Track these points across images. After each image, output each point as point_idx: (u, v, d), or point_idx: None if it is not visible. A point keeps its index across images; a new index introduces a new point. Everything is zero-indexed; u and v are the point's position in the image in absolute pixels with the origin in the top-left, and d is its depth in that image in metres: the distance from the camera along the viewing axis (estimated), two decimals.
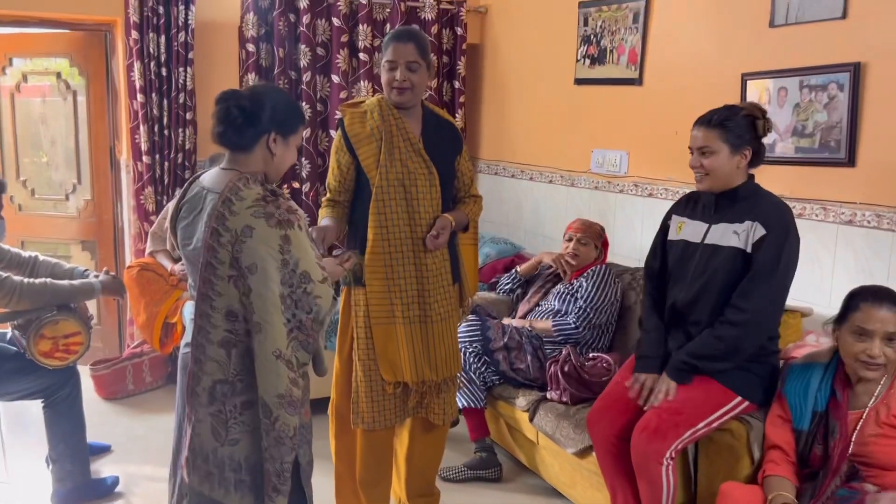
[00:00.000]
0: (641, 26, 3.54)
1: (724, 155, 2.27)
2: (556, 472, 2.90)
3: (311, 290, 1.73)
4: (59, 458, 2.84)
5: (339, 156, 2.43)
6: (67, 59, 4.22)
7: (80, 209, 4.36)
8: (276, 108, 1.80)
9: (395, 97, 2.38)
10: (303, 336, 1.74)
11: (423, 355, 2.43)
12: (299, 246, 1.73)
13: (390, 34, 2.41)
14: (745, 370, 2.28)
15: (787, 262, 2.22)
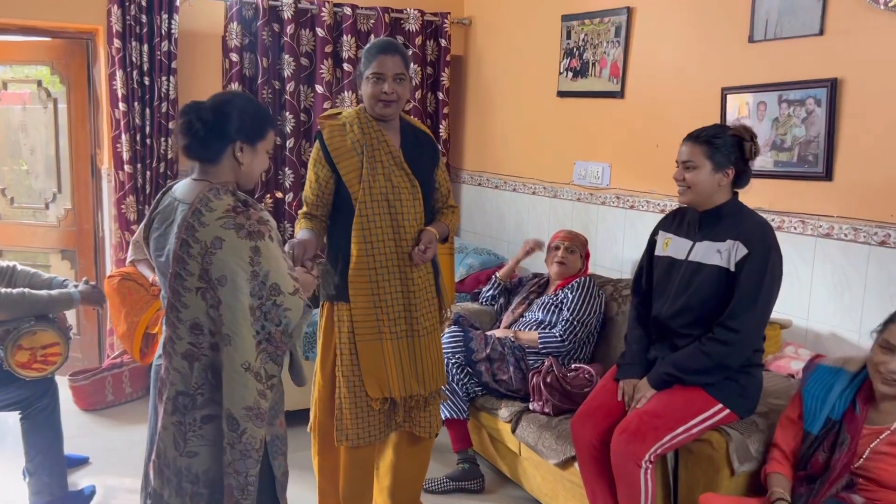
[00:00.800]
0: (623, 40, 3.57)
1: (706, 171, 2.30)
2: (539, 483, 2.90)
3: (281, 301, 1.71)
4: (37, 470, 2.80)
5: (318, 169, 2.38)
6: (48, 67, 4.19)
7: (61, 218, 4.31)
8: (241, 116, 1.78)
9: (380, 110, 2.36)
10: (272, 348, 1.73)
11: (411, 370, 2.41)
12: (269, 257, 1.71)
13: (374, 46, 2.37)
14: (729, 379, 2.30)
15: (772, 280, 2.25)
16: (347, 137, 2.36)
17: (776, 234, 2.32)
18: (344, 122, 2.39)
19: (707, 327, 2.30)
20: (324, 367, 2.45)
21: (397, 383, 2.38)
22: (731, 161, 2.30)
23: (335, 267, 2.40)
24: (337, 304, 2.38)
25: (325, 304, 2.44)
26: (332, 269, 2.29)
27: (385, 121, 2.40)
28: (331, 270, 2.33)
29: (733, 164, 2.30)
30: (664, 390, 2.34)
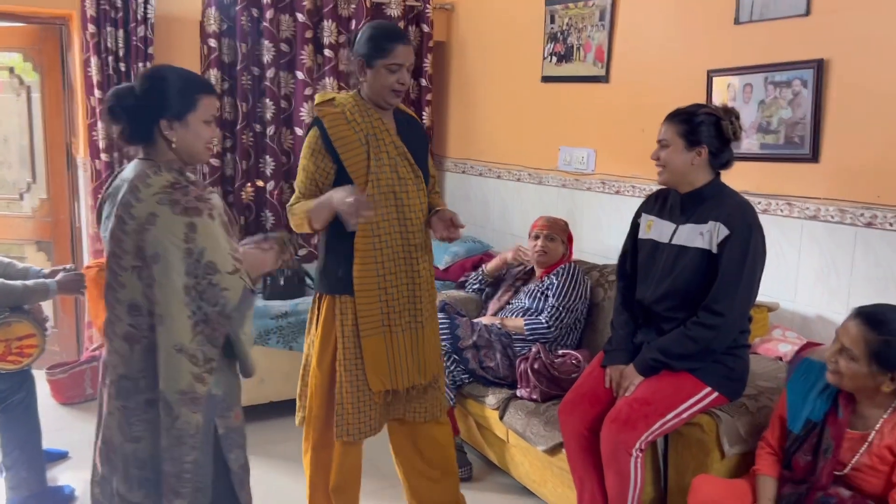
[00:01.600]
0: (608, 24, 3.54)
1: (677, 149, 2.29)
2: (527, 470, 2.88)
3: (218, 281, 1.66)
4: (14, 465, 2.73)
5: (318, 159, 2.26)
6: (20, 54, 4.09)
7: (35, 209, 4.22)
8: (160, 93, 1.71)
9: (391, 100, 2.27)
10: (209, 330, 1.67)
11: (414, 360, 2.36)
12: (207, 235, 1.66)
13: (387, 33, 2.26)
14: (715, 362, 2.29)
15: (754, 260, 2.23)
16: (350, 127, 2.25)
17: (758, 215, 2.30)
18: (343, 110, 2.27)
19: (692, 310, 2.28)
20: (322, 360, 2.35)
21: (401, 376, 2.33)
22: (703, 139, 2.27)
23: (336, 261, 2.30)
24: (339, 297, 2.30)
25: (325, 296, 2.34)
26: (290, 241, 2.16)
27: (384, 109, 2.32)
28: (289, 241, 2.16)
29: (706, 143, 2.28)
30: (652, 376, 2.32)
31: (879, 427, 1.87)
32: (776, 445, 2.07)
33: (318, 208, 2.22)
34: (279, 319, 3.52)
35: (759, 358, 2.64)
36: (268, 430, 3.53)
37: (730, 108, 2.31)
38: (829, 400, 1.96)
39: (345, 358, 2.29)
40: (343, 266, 2.28)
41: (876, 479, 1.86)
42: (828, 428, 1.92)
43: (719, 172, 2.35)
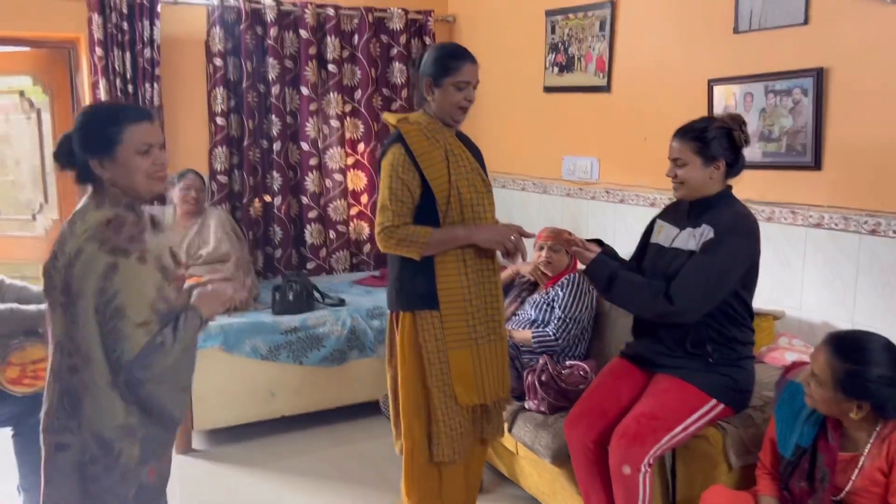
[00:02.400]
0: (608, 34, 3.56)
1: (696, 166, 2.30)
2: (536, 481, 2.90)
3: (122, 328, 1.59)
4: (30, 487, 2.76)
5: (407, 176, 2.22)
6: (30, 77, 4.15)
7: (48, 229, 4.28)
8: (81, 135, 1.70)
9: (459, 117, 2.31)
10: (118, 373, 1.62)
11: (497, 373, 2.35)
12: (127, 279, 1.59)
13: (454, 52, 2.30)
14: (719, 373, 2.30)
15: (727, 265, 2.23)
16: (430, 143, 2.26)
17: (763, 223, 2.32)
18: (420, 127, 2.28)
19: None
20: (414, 381, 2.30)
21: (488, 389, 2.31)
22: (720, 153, 2.30)
23: (415, 276, 2.27)
24: (420, 313, 2.27)
25: (405, 313, 2.30)
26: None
27: (450, 126, 2.34)
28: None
29: (723, 156, 2.30)
30: (656, 390, 2.33)
31: (868, 451, 1.86)
32: (771, 467, 2.07)
33: (448, 241, 2.23)
34: (289, 334, 3.56)
35: (765, 367, 2.64)
36: (279, 444, 3.57)
37: (736, 116, 2.34)
38: (817, 425, 1.94)
39: (432, 375, 2.26)
40: (424, 281, 2.26)
41: (871, 501, 1.86)
42: (820, 455, 1.91)
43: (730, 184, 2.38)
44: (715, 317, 2.31)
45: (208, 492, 3.13)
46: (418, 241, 2.21)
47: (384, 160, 2.28)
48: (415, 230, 2.22)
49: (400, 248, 2.23)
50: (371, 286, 4.28)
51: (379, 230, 2.25)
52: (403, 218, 2.24)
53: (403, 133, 2.25)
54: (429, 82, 2.29)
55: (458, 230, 2.26)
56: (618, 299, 2.42)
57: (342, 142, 4.54)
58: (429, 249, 2.22)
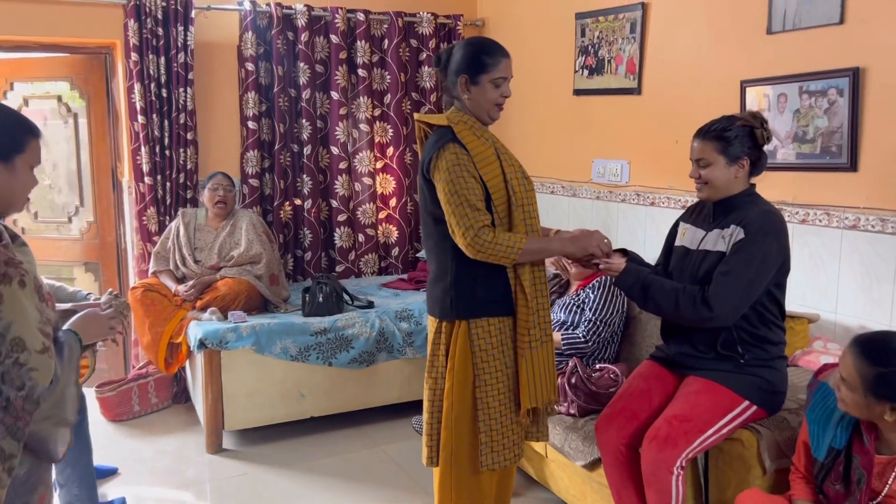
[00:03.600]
0: (639, 36, 3.54)
1: (720, 166, 2.28)
2: (566, 485, 2.88)
3: (25, 360, 1.42)
4: (67, 482, 2.82)
5: (473, 172, 2.13)
6: (68, 83, 4.24)
7: (83, 231, 4.36)
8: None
9: (496, 114, 2.25)
10: (10, 420, 1.41)
11: (548, 376, 2.28)
12: (14, 307, 1.42)
13: (490, 48, 2.22)
14: (751, 374, 2.27)
15: (760, 265, 2.20)
16: (480, 142, 2.18)
17: (797, 225, 2.28)
18: (468, 126, 2.20)
19: None
20: (464, 390, 2.21)
21: (541, 393, 2.25)
22: (744, 151, 2.28)
23: (473, 282, 2.18)
24: (475, 321, 2.18)
25: (460, 321, 2.20)
26: (127, 309, 1.98)
27: (486, 124, 2.27)
28: (127, 310, 2.03)
29: (746, 154, 2.28)
30: (687, 392, 2.31)
31: None
32: (805, 470, 2.03)
33: (542, 251, 2.17)
34: (318, 336, 3.58)
35: (799, 371, 2.60)
36: (309, 445, 3.59)
37: (757, 114, 2.32)
38: (850, 427, 1.90)
39: (486, 384, 2.18)
40: (484, 287, 2.18)
41: None
42: (856, 457, 1.87)
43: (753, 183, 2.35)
44: (746, 317, 2.28)
45: (238, 491, 3.16)
46: (516, 247, 2.10)
47: (441, 161, 2.14)
48: (510, 237, 2.12)
49: (496, 253, 2.10)
50: (399, 289, 4.29)
51: (473, 234, 2.09)
52: (489, 217, 2.13)
53: (457, 132, 2.16)
54: (465, 80, 2.20)
55: (553, 242, 2.21)
56: (653, 307, 2.36)
57: (371, 146, 4.57)
58: (523, 257, 2.12)
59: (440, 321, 2.25)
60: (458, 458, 2.25)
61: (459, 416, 2.22)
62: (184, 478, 3.28)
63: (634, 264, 2.40)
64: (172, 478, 3.28)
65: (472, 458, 2.24)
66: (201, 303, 3.66)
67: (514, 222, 2.17)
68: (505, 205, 2.17)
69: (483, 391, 2.19)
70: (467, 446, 2.24)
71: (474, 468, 2.24)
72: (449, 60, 2.26)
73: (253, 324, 3.50)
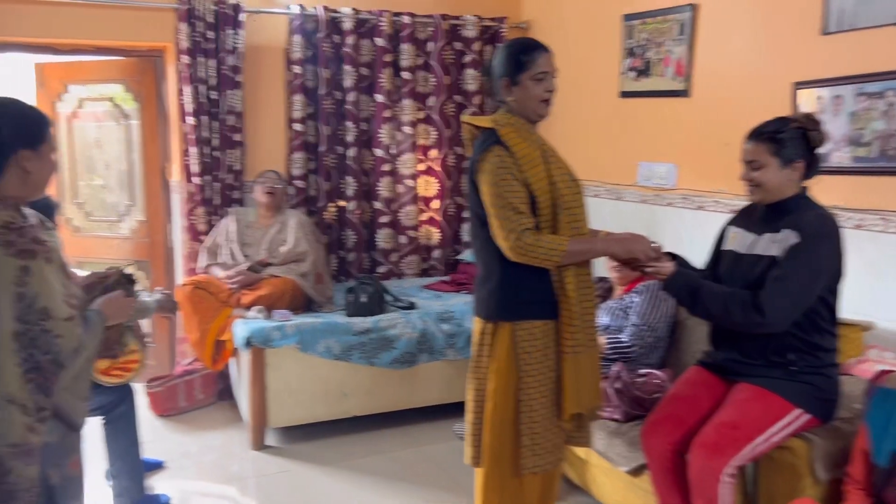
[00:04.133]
0: (688, 37, 3.50)
1: (773, 168, 2.24)
2: (609, 490, 2.85)
3: (51, 327, 1.58)
4: (118, 474, 2.89)
5: (520, 177, 2.12)
6: (121, 85, 4.35)
7: (134, 230, 4.47)
8: (16, 123, 1.66)
9: (543, 111, 2.21)
10: (41, 378, 1.58)
11: (593, 381, 2.25)
12: (41, 280, 1.57)
13: (526, 45, 2.21)
14: (805, 382, 2.22)
15: (815, 270, 2.16)
16: (527, 144, 2.16)
17: (851, 230, 2.22)
18: (514, 129, 2.18)
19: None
20: (507, 391, 2.19)
21: (585, 398, 2.22)
22: (798, 154, 2.23)
23: (517, 284, 2.16)
24: (520, 323, 2.17)
25: (504, 323, 2.19)
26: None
27: (534, 123, 2.24)
28: (131, 279, 2.09)
29: (801, 157, 2.23)
30: (737, 399, 2.27)
31: None
32: (862, 480, 1.98)
33: (585, 252, 2.13)
34: (361, 336, 3.61)
35: (854, 380, 2.53)
36: (351, 443, 3.62)
37: (811, 116, 2.26)
38: None
39: (530, 387, 2.17)
40: (529, 290, 2.16)
41: None
42: None
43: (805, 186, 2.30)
44: (798, 323, 2.23)
45: (281, 488, 3.20)
46: (558, 249, 2.08)
47: (486, 163, 2.13)
48: (553, 239, 2.09)
49: (538, 256, 2.09)
50: (441, 291, 4.30)
51: (516, 237, 2.08)
52: (532, 220, 2.11)
53: (502, 135, 2.15)
54: (506, 83, 2.20)
55: (596, 243, 2.17)
56: (702, 312, 2.32)
57: (414, 148, 4.59)
58: (566, 259, 2.10)
59: (485, 322, 2.25)
60: (501, 460, 2.23)
61: (502, 418, 2.21)
62: (228, 473, 3.33)
63: (683, 269, 2.37)
64: (217, 473, 3.34)
65: (515, 461, 2.22)
66: (247, 301, 3.72)
67: (560, 225, 2.15)
68: (550, 207, 2.15)
69: (526, 394, 2.17)
70: (510, 448, 2.22)
71: (517, 470, 2.22)
72: (491, 66, 2.28)
73: (297, 322, 3.55)
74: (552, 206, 2.15)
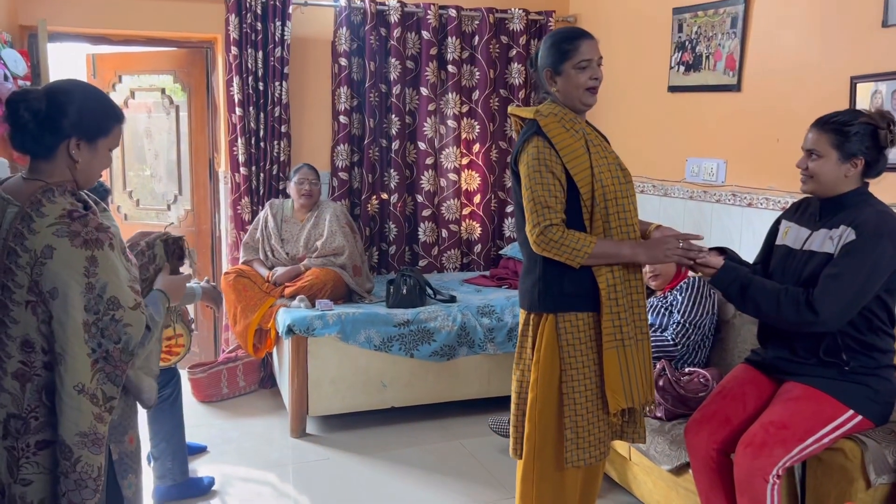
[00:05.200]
0: (740, 31, 3.42)
1: (831, 161, 2.16)
2: (650, 489, 2.81)
3: (121, 317, 1.58)
4: (161, 455, 2.94)
5: (555, 169, 2.09)
6: (171, 76, 4.43)
7: (181, 219, 4.55)
8: (79, 110, 1.62)
9: (588, 99, 2.17)
10: (110, 368, 1.59)
11: (644, 375, 2.21)
12: (108, 268, 1.57)
13: (568, 34, 2.17)
14: (859, 383, 2.16)
15: (872, 269, 2.08)
16: (569, 133, 2.12)
17: None
18: (558, 118, 2.15)
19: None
20: (550, 384, 2.17)
21: (636, 392, 2.18)
22: (861, 150, 2.15)
23: (560, 276, 2.13)
24: (563, 315, 2.14)
25: (548, 315, 2.16)
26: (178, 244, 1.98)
27: (581, 112, 2.20)
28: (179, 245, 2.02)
29: (864, 154, 2.15)
30: (786, 398, 2.20)
31: None
32: None
33: (611, 256, 2.10)
34: (401, 327, 3.61)
35: None
36: (389, 434, 3.63)
37: (886, 113, 2.18)
38: None
39: (573, 379, 2.14)
40: (572, 281, 2.13)
41: None
42: None
43: (867, 181, 2.22)
44: (853, 323, 2.16)
45: (320, 475, 3.22)
46: (583, 250, 2.06)
47: (524, 154, 2.13)
48: (580, 238, 2.07)
49: (561, 253, 2.08)
50: (481, 286, 4.29)
51: (539, 231, 2.07)
52: (558, 216, 2.09)
53: (542, 125, 2.12)
54: (549, 73, 2.17)
55: (623, 247, 2.12)
56: (752, 309, 2.26)
57: (458, 142, 4.58)
58: (590, 261, 2.08)
59: (528, 313, 2.23)
60: (542, 452, 2.21)
61: (544, 410, 2.19)
62: (268, 459, 3.37)
63: (733, 263, 2.31)
64: (258, 459, 3.38)
65: (557, 453, 2.20)
66: (290, 290, 3.75)
67: (606, 217, 2.12)
68: (592, 199, 2.12)
69: (569, 386, 2.15)
70: (552, 441, 2.20)
71: (558, 463, 2.20)
72: (537, 58, 2.25)
73: (339, 312, 3.57)
74: (598, 198, 2.11)
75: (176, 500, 2.95)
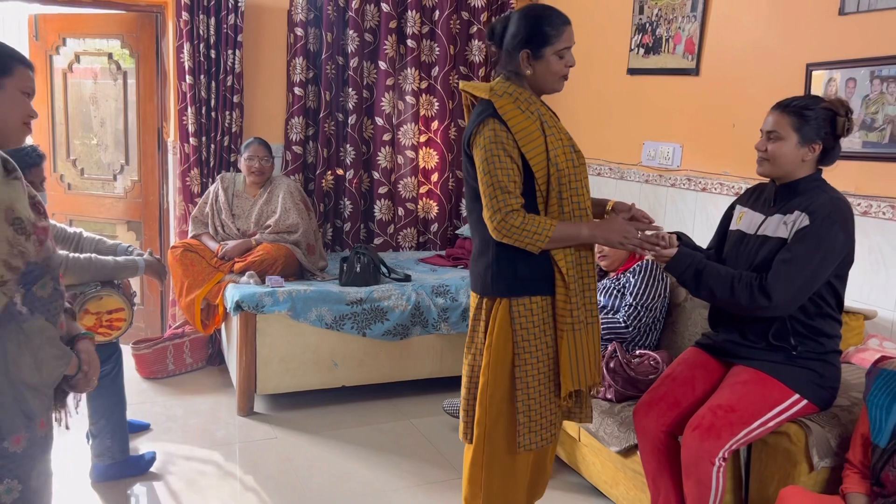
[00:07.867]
0: (700, 14, 3.41)
1: (790, 143, 2.17)
2: (598, 470, 2.82)
3: None
4: (100, 433, 2.84)
5: (511, 151, 2.04)
6: (119, 40, 4.25)
7: (128, 190, 4.39)
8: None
9: (559, 86, 2.14)
10: None
11: (592, 358, 2.19)
12: None
13: (554, 18, 2.10)
14: (805, 368, 2.18)
15: (824, 255, 2.10)
16: (525, 116, 2.07)
17: (858, 217, 2.15)
18: (513, 98, 2.09)
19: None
20: (502, 369, 2.14)
21: (583, 375, 2.16)
22: (821, 136, 2.16)
23: (514, 260, 2.09)
24: (517, 299, 2.11)
25: (501, 299, 2.12)
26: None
27: (539, 94, 2.16)
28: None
29: (822, 140, 2.16)
30: (734, 382, 2.22)
31: None
32: (861, 465, 1.94)
33: (570, 238, 2.07)
34: (354, 306, 3.55)
35: (853, 368, 2.49)
36: (340, 413, 3.58)
37: (844, 102, 2.19)
38: None
39: (527, 363, 2.11)
40: (525, 265, 2.09)
41: None
42: None
43: (821, 168, 2.23)
44: (803, 308, 2.18)
45: (267, 454, 3.16)
46: (544, 234, 2.02)
47: (479, 136, 2.07)
48: (539, 222, 2.03)
49: (522, 239, 2.04)
50: (436, 265, 4.25)
51: (501, 217, 2.02)
52: (521, 200, 2.05)
53: (498, 108, 2.06)
54: (527, 55, 2.08)
55: (582, 228, 2.09)
56: (706, 294, 2.25)
57: (416, 118, 4.51)
58: (550, 245, 2.05)
59: (481, 297, 2.19)
60: (492, 437, 2.18)
61: (495, 394, 2.16)
62: (214, 438, 3.29)
63: (687, 249, 2.31)
64: (203, 437, 3.30)
65: (508, 437, 2.17)
66: (239, 266, 3.66)
67: (555, 201, 2.08)
68: (547, 183, 2.08)
69: (523, 370, 2.12)
70: (504, 425, 2.17)
71: (509, 448, 2.17)
72: (504, 33, 2.15)
73: (290, 289, 3.49)
74: (553, 181, 2.07)
75: (115, 478, 2.86)
